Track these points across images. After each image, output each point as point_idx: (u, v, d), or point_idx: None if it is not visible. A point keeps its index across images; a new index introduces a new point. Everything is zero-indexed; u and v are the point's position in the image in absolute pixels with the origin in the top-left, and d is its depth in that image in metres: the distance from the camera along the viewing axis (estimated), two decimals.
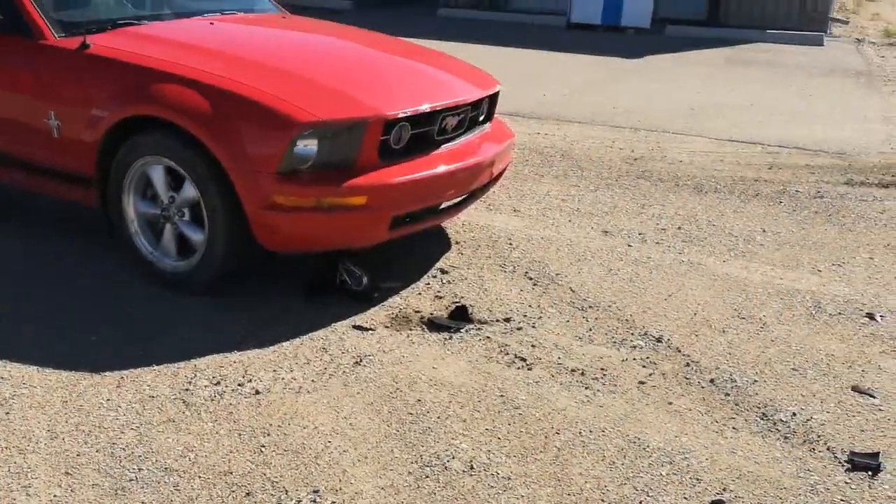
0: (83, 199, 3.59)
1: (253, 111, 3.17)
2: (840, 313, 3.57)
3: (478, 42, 11.57)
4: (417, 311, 3.39)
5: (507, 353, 3.10)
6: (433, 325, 3.30)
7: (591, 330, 3.33)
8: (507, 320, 3.37)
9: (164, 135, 3.26)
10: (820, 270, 4.04)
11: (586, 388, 2.89)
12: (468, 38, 11.93)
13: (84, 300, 3.38)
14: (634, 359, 3.11)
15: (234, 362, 2.94)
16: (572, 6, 14.19)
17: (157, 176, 3.37)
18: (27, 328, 3.13)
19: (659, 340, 3.25)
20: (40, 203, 4.17)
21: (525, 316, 3.42)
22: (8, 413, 2.59)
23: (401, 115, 3.35)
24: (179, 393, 2.73)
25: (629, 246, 4.25)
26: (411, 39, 5.79)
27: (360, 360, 3.00)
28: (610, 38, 13.04)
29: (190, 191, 3.29)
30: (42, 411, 2.60)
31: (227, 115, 3.17)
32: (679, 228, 4.54)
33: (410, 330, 3.26)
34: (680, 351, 3.18)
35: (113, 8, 4.10)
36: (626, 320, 3.42)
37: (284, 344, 3.09)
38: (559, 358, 3.08)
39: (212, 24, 4.06)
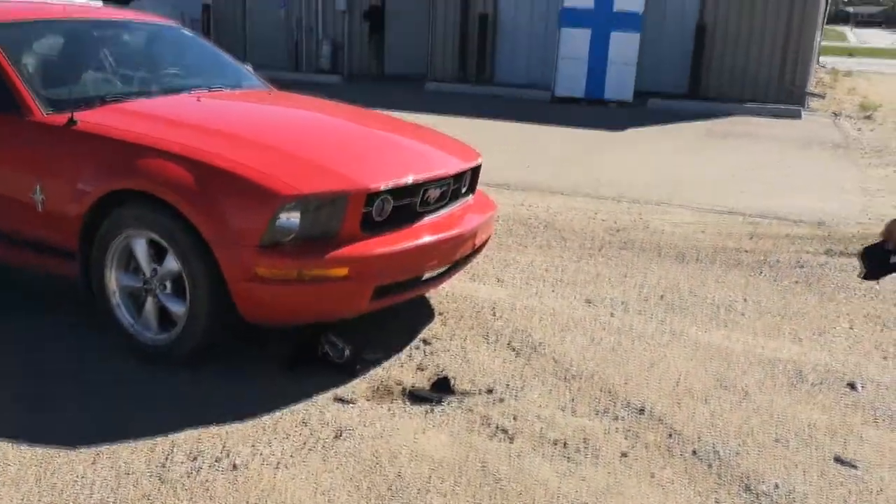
0: (65, 271, 3.59)
1: (236, 184, 3.21)
2: (821, 382, 3.57)
3: (464, 115, 11.82)
4: (399, 383, 3.38)
5: (490, 426, 3.08)
6: (415, 397, 3.28)
7: (573, 400, 3.31)
8: (490, 391, 3.36)
9: (147, 208, 3.29)
10: (801, 339, 4.06)
11: (568, 460, 2.87)
12: (455, 111, 12.19)
13: (62, 373, 3.35)
14: (617, 429, 3.09)
15: (213, 436, 2.91)
16: (556, 80, 14.55)
17: (140, 249, 3.39)
18: (2, 402, 3.09)
19: (641, 411, 3.24)
20: (16, 275, 4.16)
21: (508, 386, 3.41)
22: None
23: (383, 188, 3.40)
24: (155, 469, 2.69)
25: (612, 315, 4.27)
26: (399, 113, 5.93)
27: (341, 434, 2.97)
28: (593, 111, 13.34)
29: (172, 263, 3.31)
30: (15, 488, 2.56)
31: (210, 188, 3.21)
32: (661, 298, 4.57)
33: (392, 402, 3.24)
34: (662, 421, 3.17)
35: (101, 85, 4.17)
36: (609, 390, 3.41)
37: (264, 417, 3.06)
38: (541, 429, 3.06)
39: (199, 99, 4.14)
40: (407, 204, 3.58)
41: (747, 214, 6.57)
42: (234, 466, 2.72)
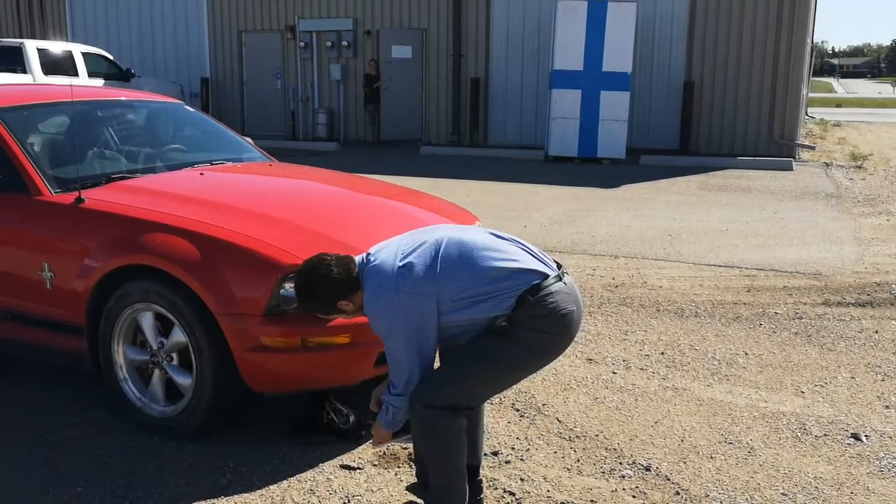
0: (73, 348, 3.63)
1: (238, 256, 3.29)
2: (826, 435, 3.59)
3: (459, 178, 11.99)
4: (405, 448, 3.39)
5: (497, 488, 3.09)
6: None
7: (579, 461, 3.33)
8: (496, 454, 3.37)
9: (154, 282, 3.35)
10: (803, 392, 4.08)
11: None
12: (450, 174, 12.37)
13: (70, 449, 3.36)
14: (624, 489, 3.10)
15: None
16: (549, 140, 14.78)
17: (147, 322, 3.44)
18: (13, 477, 3.10)
19: (648, 469, 3.25)
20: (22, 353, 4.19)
21: (513, 449, 3.42)
22: None
23: None
24: None
25: (614, 373, 4.30)
26: (396, 178, 6.04)
27: (349, 501, 2.98)
28: (587, 169, 13.53)
29: (178, 336, 3.36)
30: None
31: (215, 260, 3.28)
32: (662, 354, 4.60)
33: (398, 467, 3.25)
34: (669, 479, 3.18)
35: (107, 163, 4.28)
36: (614, 449, 3.43)
37: (272, 487, 3.07)
38: (548, 491, 3.07)
39: (202, 174, 4.25)
40: None
41: (744, 267, 6.64)
42: None
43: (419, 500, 2.94)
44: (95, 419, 3.64)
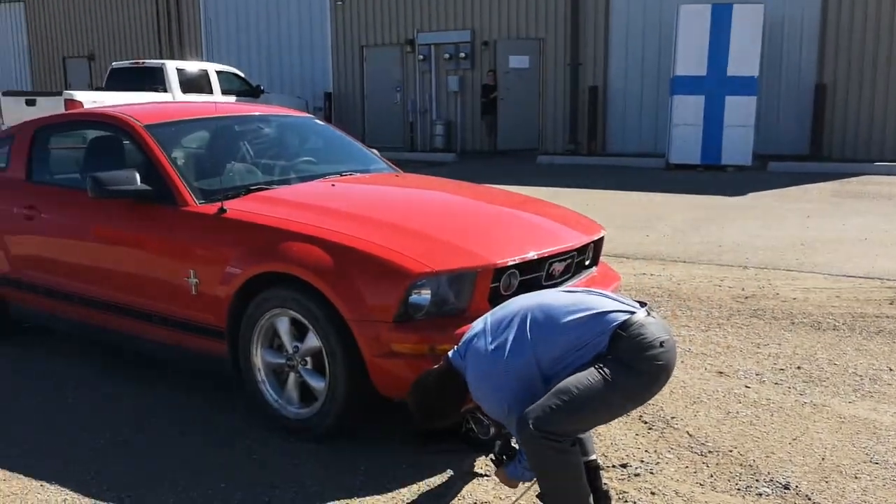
0: (214, 350, 3.83)
1: (370, 264, 3.38)
2: None
3: (578, 187, 11.89)
4: None
5: (626, 501, 3.04)
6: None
7: (712, 476, 3.23)
8: (624, 466, 3.32)
9: (290, 289, 3.50)
10: None
11: None
12: (569, 183, 12.29)
13: (214, 447, 3.55)
14: None
15: None
16: (670, 147, 14.44)
17: (283, 327, 3.59)
18: (160, 475, 3.30)
19: (787, 487, 3.12)
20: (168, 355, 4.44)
21: (642, 461, 3.36)
22: None
23: (510, 263, 3.49)
24: None
25: (747, 387, 4.15)
26: (514, 187, 6.06)
27: None
28: (710, 177, 13.13)
29: (313, 340, 3.48)
30: None
31: (347, 268, 3.39)
32: (798, 368, 4.41)
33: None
34: (810, 498, 3.04)
35: (245, 175, 4.50)
36: (750, 465, 3.31)
37: (402, 491, 3.14)
38: None
39: (333, 185, 4.40)
40: (533, 278, 3.65)
41: (886, 279, 6.26)
42: None
43: None
44: (235, 419, 3.82)
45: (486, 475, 3.24)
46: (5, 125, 12.63)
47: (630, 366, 2.49)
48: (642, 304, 2.65)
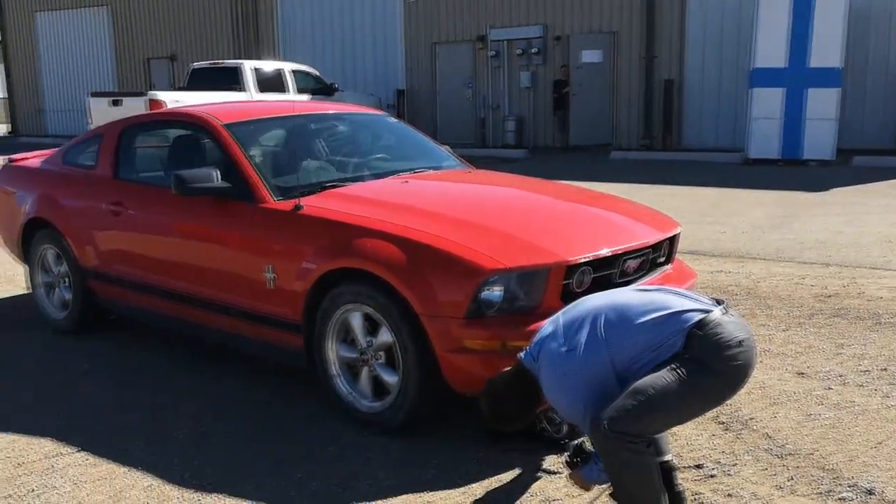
0: (289, 344, 3.92)
1: (442, 260, 3.41)
2: None
3: (652, 183, 11.70)
4: None
5: (701, 503, 2.98)
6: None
7: (791, 479, 3.14)
8: (699, 467, 3.26)
9: (363, 284, 3.55)
10: None
11: None
12: (642, 179, 12.10)
13: (290, 440, 3.63)
14: None
15: (427, 503, 3.03)
16: (749, 142, 14.07)
17: (357, 322, 3.65)
18: (245, 461, 3.40)
19: (870, 492, 3.02)
20: (245, 348, 4.56)
21: (718, 462, 3.29)
22: None
23: (582, 261, 3.46)
24: None
25: (829, 389, 4.02)
26: (587, 183, 6.00)
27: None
28: (791, 171, 12.74)
29: (385, 335, 3.53)
30: None
31: (419, 264, 3.42)
32: (884, 370, 4.24)
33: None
34: None
35: (320, 172, 4.58)
36: (831, 469, 3.21)
37: (473, 486, 3.16)
38: None
39: (406, 182, 4.44)
40: (606, 275, 3.62)
41: None
42: None
43: None
44: (310, 412, 3.90)
45: (558, 473, 3.23)
46: (93, 125, 13.17)
47: (707, 366, 2.45)
48: (719, 302, 2.60)
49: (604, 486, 2.84)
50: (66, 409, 4.03)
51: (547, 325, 2.78)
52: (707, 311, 2.52)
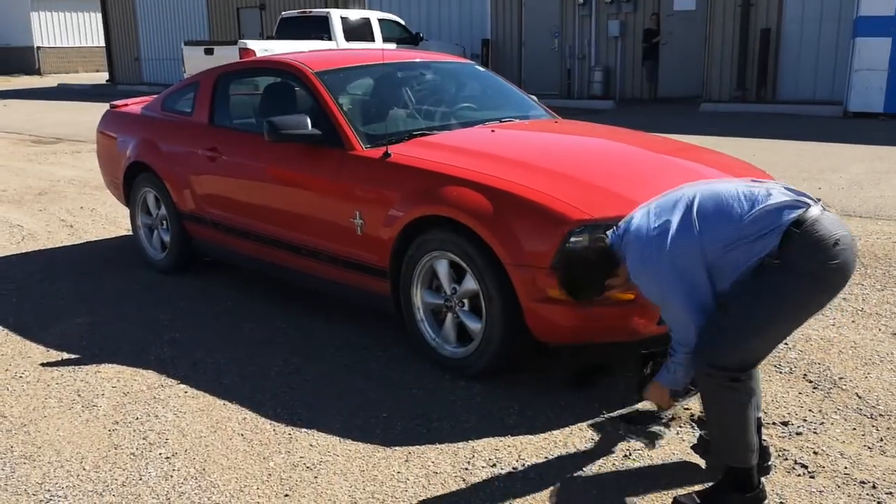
0: (377, 289, 4.02)
1: (528, 209, 3.42)
2: None
3: (745, 136, 11.31)
4: (687, 409, 3.35)
5: (787, 459, 2.96)
6: (703, 422, 3.24)
7: (882, 440, 3.08)
8: (785, 424, 3.22)
9: (449, 232, 3.60)
10: None
11: (878, 503, 2.67)
12: (735, 131, 11.71)
13: (375, 380, 3.75)
14: None
15: (508, 446, 3.10)
16: (850, 94, 13.41)
17: (442, 269, 3.71)
18: (330, 403, 3.54)
19: None
20: (335, 292, 4.68)
21: (805, 420, 3.25)
22: (316, 477, 2.94)
23: None
24: (460, 471, 2.93)
25: None
26: (675, 135, 5.85)
27: (629, 454, 3.02)
28: (894, 126, 12.10)
29: (470, 283, 3.58)
30: (344, 478, 2.92)
31: (506, 213, 3.44)
32: None
33: (680, 427, 3.23)
34: None
35: (408, 121, 4.63)
36: None
37: (555, 432, 3.20)
38: (846, 468, 2.89)
39: (493, 131, 4.44)
40: None
41: None
42: (530, 477, 2.88)
43: (700, 461, 2.92)
44: (396, 355, 4.01)
45: (640, 424, 3.24)
46: (187, 73, 13.53)
47: (802, 268, 2.38)
48: (817, 200, 2.51)
49: (682, 400, 2.83)
50: (167, 344, 4.25)
51: (639, 209, 2.73)
52: (805, 206, 2.44)
